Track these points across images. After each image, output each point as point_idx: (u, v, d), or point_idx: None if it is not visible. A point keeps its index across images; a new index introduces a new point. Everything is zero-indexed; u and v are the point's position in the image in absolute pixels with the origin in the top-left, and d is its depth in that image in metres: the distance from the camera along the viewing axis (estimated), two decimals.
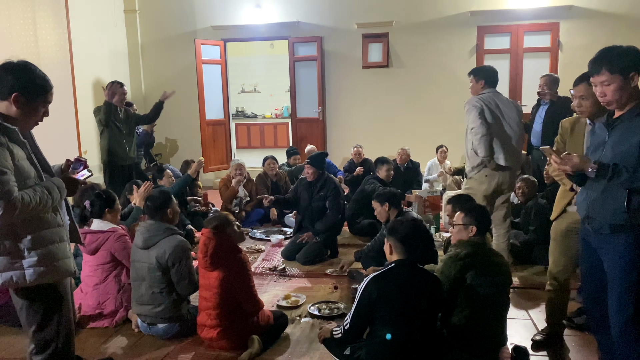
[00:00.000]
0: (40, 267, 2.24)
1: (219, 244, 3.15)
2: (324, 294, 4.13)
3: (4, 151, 2.12)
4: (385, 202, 4.21)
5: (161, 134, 9.08)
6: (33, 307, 2.32)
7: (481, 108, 4.03)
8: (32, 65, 2.25)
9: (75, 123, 7.09)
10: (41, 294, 2.31)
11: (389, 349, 2.62)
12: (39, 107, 2.26)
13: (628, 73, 2.27)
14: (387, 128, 8.46)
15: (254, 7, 8.55)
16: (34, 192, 2.18)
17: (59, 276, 2.34)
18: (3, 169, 2.09)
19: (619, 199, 2.28)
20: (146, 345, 3.33)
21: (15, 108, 2.19)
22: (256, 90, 13.44)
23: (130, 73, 9.01)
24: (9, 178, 2.10)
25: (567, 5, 7.61)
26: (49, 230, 2.30)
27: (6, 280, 2.22)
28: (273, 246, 5.48)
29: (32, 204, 2.15)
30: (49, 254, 2.27)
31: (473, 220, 2.98)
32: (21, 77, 2.18)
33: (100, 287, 3.58)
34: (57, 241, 2.33)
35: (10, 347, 3.33)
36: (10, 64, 2.20)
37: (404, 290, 2.64)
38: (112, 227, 3.60)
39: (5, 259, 2.21)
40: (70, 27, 7.10)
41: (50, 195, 2.24)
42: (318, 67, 8.50)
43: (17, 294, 2.32)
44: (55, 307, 2.36)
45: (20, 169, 2.18)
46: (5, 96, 2.18)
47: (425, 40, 8.17)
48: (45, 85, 2.26)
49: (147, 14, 8.94)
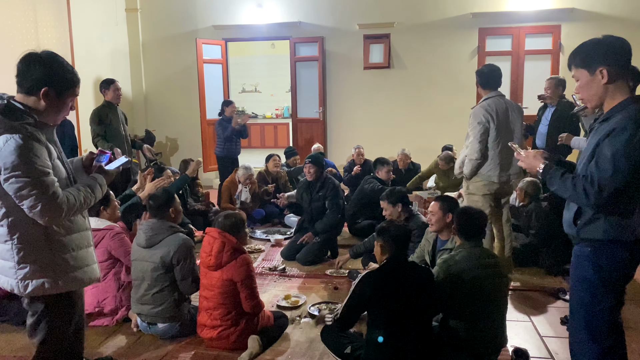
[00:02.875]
0: (72, 274, 2.16)
1: (224, 243, 3.14)
2: (324, 294, 4.13)
3: (44, 150, 2.02)
4: (397, 203, 4.27)
5: (161, 133, 9.08)
6: (46, 316, 2.19)
7: (485, 126, 3.92)
8: (59, 57, 2.12)
9: (76, 122, 7.08)
10: (59, 301, 2.19)
11: (386, 348, 2.64)
12: (67, 101, 2.14)
13: (594, 67, 2.04)
14: (387, 129, 8.46)
15: (256, 6, 8.54)
16: (77, 191, 2.11)
17: (87, 282, 2.26)
18: (46, 170, 2.00)
19: (571, 209, 2.15)
20: (146, 345, 3.33)
21: (44, 102, 2.05)
22: (257, 90, 13.44)
23: (131, 72, 9.00)
24: (52, 180, 2.02)
25: (568, 7, 7.61)
26: (79, 233, 2.22)
27: (37, 286, 2.10)
28: (273, 246, 5.48)
29: (77, 204, 2.08)
30: (79, 259, 2.20)
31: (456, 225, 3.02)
32: (50, 70, 2.05)
33: (100, 285, 3.56)
34: (86, 245, 2.26)
35: (11, 344, 3.33)
36: (35, 55, 2.06)
37: (399, 288, 2.68)
38: (108, 224, 3.60)
39: (37, 265, 2.09)
40: (72, 26, 7.10)
41: (93, 194, 2.18)
42: (319, 68, 8.50)
43: (35, 301, 2.19)
44: (68, 317, 2.25)
45: (56, 168, 2.10)
46: (33, 91, 2.04)
47: (426, 41, 8.17)
48: (73, 78, 2.13)
49: (149, 12, 8.94)
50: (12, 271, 2.10)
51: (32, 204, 1.96)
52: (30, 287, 2.10)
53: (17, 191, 1.96)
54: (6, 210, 2.04)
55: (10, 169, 1.94)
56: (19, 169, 1.94)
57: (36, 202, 1.96)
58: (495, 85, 4.10)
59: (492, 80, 4.10)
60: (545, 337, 3.39)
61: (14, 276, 2.10)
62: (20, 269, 2.09)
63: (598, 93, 2.08)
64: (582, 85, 2.13)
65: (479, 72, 4.20)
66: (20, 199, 1.97)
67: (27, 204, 1.97)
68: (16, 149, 1.94)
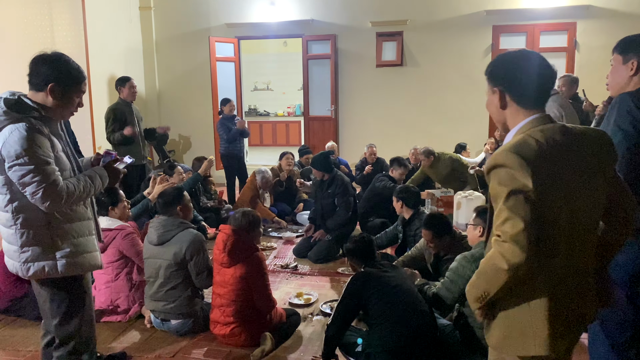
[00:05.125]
0: (72, 259, 2.28)
1: (238, 241, 3.16)
2: (336, 292, 4.12)
3: (46, 141, 2.15)
4: (399, 201, 4.29)
5: (175, 130, 9.12)
6: (58, 299, 2.34)
7: None
8: (66, 56, 2.26)
9: (90, 119, 7.14)
10: (67, 286, 2.33)
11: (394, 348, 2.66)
12: (73, 97, 2.27)
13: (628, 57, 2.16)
14: (400, 127, 8.42)
15: (268, 4, 8.55)
16: (77, 180, 2.23)
17: (87, 268, 2.38)
18: (47, 159, 2.13)
19: None
20: (159, 341, 3.35)
21: (51, 98, 2.20)
22: (269, 88, 13.46)
23: (144, 70, 9.06)
24: (53, 168, 2.15)
25: (584, 4, 7.52)
26: (80, 222, 2.33)
27: (38, 269, 2.24)
28: (285, 244, 5.49)
29: (77, 192, 2.20)
30: (79, 246, 2.31)
31: (482, 221, 2.97)
32: (56, 68, 2.20)
33: (112, 285, 3.60)
34: (87, 234, 2.37)
35: (27, 340, 3.37)
36: (44, 55, 2.22)
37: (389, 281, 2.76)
38: (120, 224, 3.62)
39: (38, 249, 2.22)
40: (87, 24, 7.15)
41: (92, 184, 2.29)
42: (331, 66, 8.49)
43: (43, 286, 2.33)
44: (79, 301, 2.38)
45: (59, 160, 2.22)
46: (41, 87, 2.19)
47: (440, 39, 8.11)
48: (79, 75, 2.27)
49: (162, 11, 8.99)
50: (17, 254, 2.24)
51: (34, 190, 2.10)
52: (31, 270, 2.24)
53: (20, 178, 2.10)
54: (11, 197, 2.18)
55: (14, 157, 2.09)
56: (22, 157, 2.08)
57: (38, 188, 2.10)
58: None
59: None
60: None
61: (17, 259, 2.25)
62: (22, 252, 2.23)
63: (622, 82, 2.16)
64: (612, 70, 2.23)
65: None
66: (23, 185, 2.11)
67: (30, 190, 2.11)
68: (20, 138, 2.08)
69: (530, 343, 1.54)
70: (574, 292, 1.56)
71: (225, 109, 7.03)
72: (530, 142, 1.50)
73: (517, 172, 1.45)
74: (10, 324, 3.60)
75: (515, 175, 1.46)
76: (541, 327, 1.52)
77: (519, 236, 1.43)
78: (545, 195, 1.46)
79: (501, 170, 1.49)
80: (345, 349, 2.94)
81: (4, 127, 2.13)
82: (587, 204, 1.54)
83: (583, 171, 1.53)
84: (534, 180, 1.44)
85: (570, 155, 1.52)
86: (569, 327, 1.58)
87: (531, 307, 1.53)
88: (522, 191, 1.44)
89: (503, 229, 1.46)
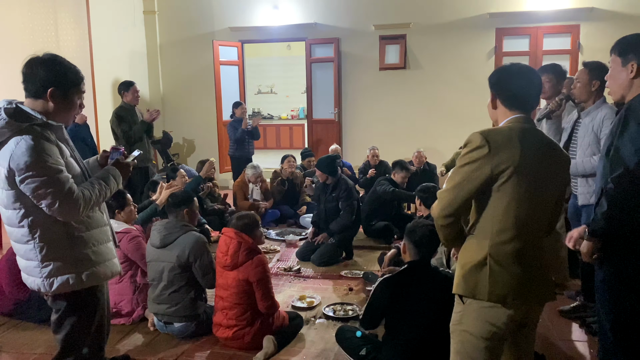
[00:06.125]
0: (94, 268, 2.20)
1: (240, 244, 3.16)
2: (339, 295, 4.12)
3: (55, 148, 2.07)
4: (419, 199, 4.29)
5: (179, 134, 9.16)
6: (70, 312, 2.24)
7: None
8: (60, 57, 2.15)
9: (95, 123, 7.18)
10: (82, 297, 2.23)
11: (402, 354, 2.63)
12: (75, 99, 2.17)
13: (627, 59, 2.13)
14: (403, 130, 8.42)
15: (272, 8, 8.58)
16: (91, 185, 2.15)
17: (109, 277, 2.31)
18: (59, 167, 2.04)
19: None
20: (162, 344, 3.36)
21: (52, 104, 2.09)
22: (273, 91, 13.50)
23: (148, 73, 9.10)
24: (67, 176, 2.06)
25: (588, 7, 7.51)
26: (99, 229, 2.26)
27: (62, 283, 2.14)
28: (288, 247, 5.50)
29: (93, 197, 2.12)
30: (100, 254, 2.24)
31: None
32: (53, 71, 2.09)
33: (116, 287, 3.60)
34: (105, 241, 2.30)
35: (30, 343, 3.38)
36: (38, 58, 2.10)
37: (416, 297, 2.63)
38: (125, 227, 3.62)
39: (60, 262, 2.13)
40: (91, 28, 7.21)
41: (108, 186, 2.21)
42: (335, 69, 8.50)
43: (58, 298, 2.22)
44: (92, 313, 2.29)
45: (70, 166, 2.14)
46: (40, 94, 2.08)
47: (443, 42, 8.12)
48: (77, 75, 2.17)
49: (166, 15, 9.03)
50: (37, 270, 2.14)
51: (50, 201, 2.01)
52: (55, 284, 2.14)
53: (34, 191, 2.00)
54: (25, 211, 2.07)
55: (25, 169, 1.98)
56: (33, 169, 1.98)
57: (54, 199, 2.00)
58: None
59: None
60: (564, 340, 3.34)
61: (38, 275, 2.14)
62: (44, 267, 2.13)
63: (623, 85, 2.16)
64: (611, 73, 2.22)
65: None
66: (38, 198, 2.01)
67: (45, 203, 2.01)
68: (28, 149, 1.98)
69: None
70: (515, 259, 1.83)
71: (237, 111, 7.20)
72: (503, 128, 1.88)
73: (478, 149, 1.80)
74: (14, 327, 3.61)
75: (474, 151, 1.81)
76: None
77: (443, 194, 1.88)
78: (501, 171, 1.78)
79: (468, 145, 1.84)
80: (351, 352, 2.94)
81: (7, 138, 2.03)
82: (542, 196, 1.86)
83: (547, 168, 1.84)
84: (489, 159, 1.78)
85: (540, 151, 1.84)
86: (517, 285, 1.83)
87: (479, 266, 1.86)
88: (471, 162, 1.80)
89: (444, 185, 1.90)
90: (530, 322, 1.98)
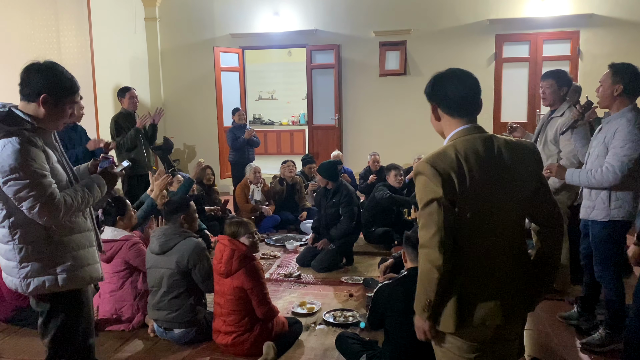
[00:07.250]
0: (72, 272, 2.22)
1: (234, 251, 3.16)
2: (339, 301, 4.12)
3: (41, 154, 2.10)
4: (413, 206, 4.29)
5: (179, 140, 9.18)
6: (54, 315, 2.26)
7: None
8: (58, 66, 2.19)
9: (96, 129, 7.19)
10: (65, 300, 2.25)
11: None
12: (66, 108, 2.20)
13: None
14: (403, 136, 8.43)
15: (272, 15, 8.61)
16: (74, 191, 2.17)
17: (88, 281, 2.32)
18: (43, 172, 2.07)
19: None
20: (162, 350, 3.35)
21: (43, 109, 2.12)
22: (273, 97, 13.52)
23: (150, 80, 9.13)
24: (49, 181, 2.09)
25: (587, 13, 7.53)
26: (80, 234, 2.28)
27: (38, 284, 2.17)
28: (288, 253, 5.49)
29: (75, 204, 2.14)
30: (80, 259, 2.25)
31: None
32: (48, 78, 2.13)
33: (117, 294, 3.61)
34: (87, 246, 2.31)
35: (30, 350, 3.38)
36: (37, 64, 2.15)
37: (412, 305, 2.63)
38: (125, 234, 3.63)
39: (38, 264, 2.16)
40: (93, 35, 7.23)
41: (91, 194, 2.23)
42: (335, 75, 8.53)
43: (40, 300, 2.26)
44: (76, 316, 2.31)
45: (55, 171, 2.17)
46: (33, 98, 2.12)
47: (443, 48, 8.13)
48: (72, 85, 2.20)
49: (168, 22, 9.07)
50: (15, 270, 2.18)
51: (31, 205, 2.04)
52: (32, 285, 2.18)
53: (16, 193, 2.04)
54: (7, 212, 2.12)
55: (9, 171, 2.02)
56: (17, 172, 2.02)
57: (34, 202, 2.04)
58: None
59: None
60: (562, 346, 3.34)
61: (17, 275, 2.19)
62: (22, 267, 2.17)
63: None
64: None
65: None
66: (19, 200, 2.05)
67: (26, 205, 2.05)
68: (14, 152, 2.02)
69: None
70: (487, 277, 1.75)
71: (235, 118, 7.27)
72: (449, 153, 1.73)
73: (431, 181, 1.68)
74: (13, 334, 3.61)
75: (429, 184, 1.69)
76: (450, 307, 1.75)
77: (433, 240, 1.65)
78: (460, 198, 1.67)
79: (420, 177, 1.73)
80: (351, 358, 2.93)
81: None
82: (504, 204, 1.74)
83: (500, 176, 1.72)
84: (444, 187, 1.65)
85: (489, 163, 1.72)
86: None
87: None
88: (434, 199, 1.66)
89: (421, 234, 1.71)
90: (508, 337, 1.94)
